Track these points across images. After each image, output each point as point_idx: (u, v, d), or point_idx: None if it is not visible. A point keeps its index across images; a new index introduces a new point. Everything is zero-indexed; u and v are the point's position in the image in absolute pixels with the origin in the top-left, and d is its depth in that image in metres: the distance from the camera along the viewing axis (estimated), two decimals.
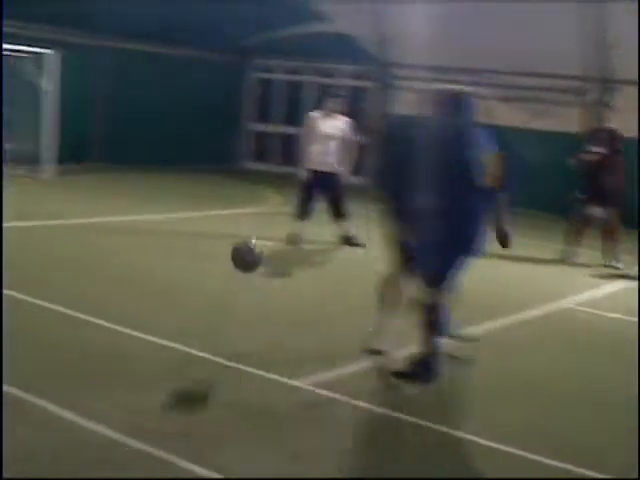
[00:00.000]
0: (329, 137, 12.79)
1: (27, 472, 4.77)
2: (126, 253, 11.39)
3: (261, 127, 24.48)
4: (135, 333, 7.62)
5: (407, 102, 21.15)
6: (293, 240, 12.83)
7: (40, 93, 18.56)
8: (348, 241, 13.11)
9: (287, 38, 22.30)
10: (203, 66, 23.06)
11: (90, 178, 19.36)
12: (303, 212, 12.94)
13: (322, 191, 12.94)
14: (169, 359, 7.09)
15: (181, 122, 22.73)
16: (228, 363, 7.01)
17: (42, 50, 18.25)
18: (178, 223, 14.11)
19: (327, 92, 14.21)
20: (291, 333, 8.17)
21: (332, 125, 12.84)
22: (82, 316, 8.02)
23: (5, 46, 17.53)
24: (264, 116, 24.48)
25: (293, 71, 23.89)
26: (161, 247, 12.06)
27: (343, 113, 13.18)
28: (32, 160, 18.53)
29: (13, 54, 18.30)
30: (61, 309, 8.20)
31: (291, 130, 21.34)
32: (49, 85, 18.38)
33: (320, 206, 13.15)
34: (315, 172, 12.82)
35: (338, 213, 13.12)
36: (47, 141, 18.49)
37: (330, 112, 12.93)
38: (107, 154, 21.60)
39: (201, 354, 7.20)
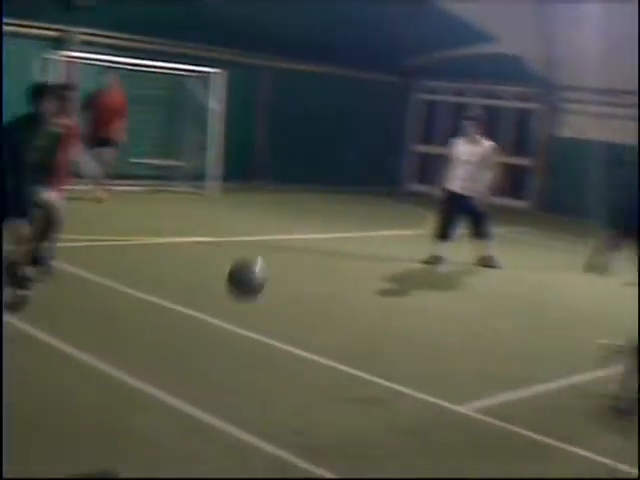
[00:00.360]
0: (468, 162, 12.70)
1: None
2: (290, 272, 11.42)
3: (424, 149, 24.30)
4: (298, 351, 7.58)
5: (575, 125, 20.63)
6: (433, 261, 12.73)
7: (206, 111, 18.95)
8: (485, 262, 12.98)
9: (452, 59, 22.07)
10: (364, 86, 23.09)
11: (253, 196, 19.63)
12: (443, 233, 12.83)
13: (462, 213, 12.85)
14: (330, 378, 7.01)
15: (342, 142, 22.82)
16: (389, 384, 6.87)
17: (208, 69, 18.65)
18: (339, 243, 14.07)
19: (464, 115, 14.02)
20: (451, 356, 7.98)
21: (471, 151, 12.76)
22: (247, 333, 8.04)
23: (173, 65, 18.02)
24: (427, 138, 24.30)
25: (458, 93, 23.61)
26: (322, 267, 12.04)
27: (482, 134, 13.00)
28: (198, 177, 18.94)
29: (181, 73, 18.79)
30: (224, 324, 8.25)
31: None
32: (215, 103, 18.74)
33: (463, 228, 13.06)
34: (454, 194, 12.77)
35: (478, 234, 13.00)
36: (212, 159, 18.84)
37: (472, 137, 12.84)
38: (269, 172, 21.88)
39: (362, 375, 7.09)
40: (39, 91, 9.04)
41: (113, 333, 7.77)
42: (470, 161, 12.71)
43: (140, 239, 12.45)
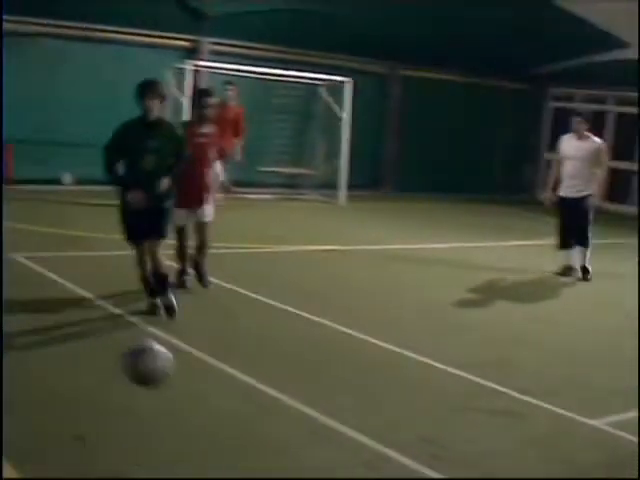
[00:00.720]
0: (575, 159, 11.98)
1: None
2: (418, 281, 11.34)
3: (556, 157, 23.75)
4: (428, 361, 7.48)
5: None
6: (564, 272, 12.18)
7: (336, 120, 19.01)
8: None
9: (584, 66, 21.57)
10: (495, 94, 22.82)
11: (381, 204, 19.59)
12: (564, 242, 12.19)
13: (570, 216, 12.05)
14: (460, 388, 6.90)
15: (472, 150, 22.61)
16: (519, 395, 6.71)
17: (339, 78, 18.70)
18: (467, 252, 13.90)
19: (572, 113, 13.29)
20: (583, 368, 7.75)
21: (578, 147, 12.02)
22: (378, 342, 7.99)
23: (304, 74, 18.15)
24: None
25: (592, 100, 23.03)
26: (450, 276, 11.90)
27: (592, 133, 12.23)
28: (326, 185, 19.03)
29: (311, 82, 18.91)
30: (355, 333, 8.22)
31: None
32: (344, 112, 18.77)
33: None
34: (563, 198, 12.10)
35: (578, 241, 12.14)
36: (342, 167, 18.86)
37: (579, 133, 12.07)
38: (397, 181, 21.84)
39: (492, 385, 6.95)
40: (142, 88, 8.04)
41: (242, 340, 7.82)
42: (578, 157, 11.97)
43: (268, 247, 12.55)
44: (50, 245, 11.35)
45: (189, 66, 16.93)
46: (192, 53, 18.48)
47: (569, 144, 12.15)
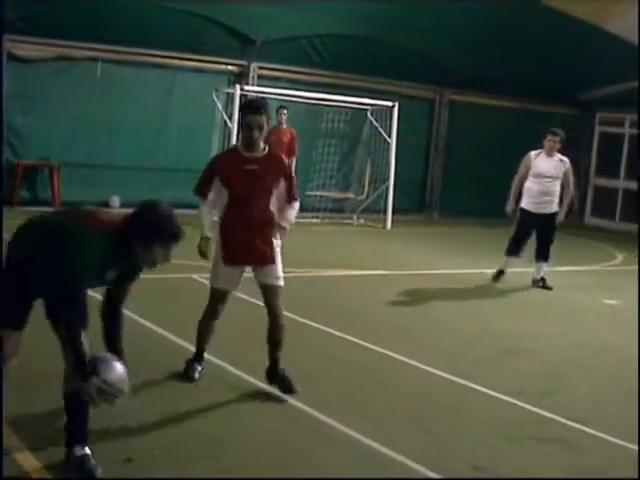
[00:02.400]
0: (544, 176, 12.47)
1: None
2: (467, 307, 11.27)
3: (603, 181, 23.62)
4: (480, 388, 7.41)
5: None
6: (498, 275, 12.82)
7: (382, 144, 19.01)
8: (538, 283, 12.77)
9: (635, 90, 21.36)
10: (541, 118, 22.65)
11: (427, 229, 19.53)
12: (513, 249, 12.78)
13: (529, 230, 12.67)
14: (511, 416, 6.81)
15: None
16: (573, 425, 6.61)
17: (384, 102, 18.69)
18: (514, 277, 13.77)
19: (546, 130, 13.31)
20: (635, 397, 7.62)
21: (548, 165, 12.50)
22: (428, 368, 7.93)
23: (352, 99, 18.19)
24: (606, 170, 23.60)
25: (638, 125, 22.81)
26: (499, 301, 11.81)
27: (563, 151, 12.72)
28: (372, 210, 19.01)
29: (357, 106, 18.93)
30: (405, 359, 8.17)
31: (635, 185, 20.54)
32: (391, 137, 18.74)
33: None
34: (528, 212, 12.58)
35: (541, 255, 12.75)
36: (388, 192, 18.80)
37: (551, 152, 12.55)
38: (443, 205, 21.78)
39: (544, 413, 6.86)
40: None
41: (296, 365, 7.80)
42: (547, 175, 12.46)
43: (315, 271, 12.52)
44: None
45: (237, 90, 17.02)
46: (240, 77, 18.59)
47: (539, 162, 12.58)
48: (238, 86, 17.23)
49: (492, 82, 20.70)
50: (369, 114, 19.42)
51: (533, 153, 12.78)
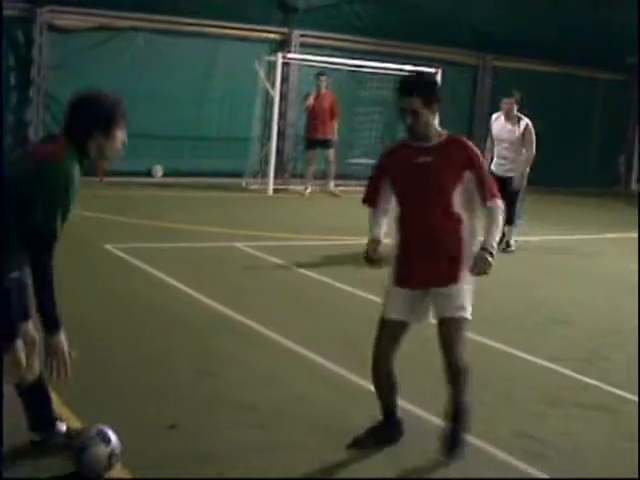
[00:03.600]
0: (499, 140, 12.28)
1: None
2: (523, 275, 11.17)
3: None
4: (521, 354, 7.36)
5: None
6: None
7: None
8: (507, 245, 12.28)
9: None
10: (588, 84, 22.38)
11: None
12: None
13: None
14: (555, 382, 6.77)
15: (566, 142, 22.19)
16: (615, 391, 6.55)
17: (428, 69, 18.48)
18: (567, 245, 13.65)
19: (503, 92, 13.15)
20: None
21: (506, 128, 12.28)
22: (477, 337, 7.87)
23: (395, 66, 18.03)
24: None
25: None
26: (554, 269, 11.70)
27: (521, 113, 12.44)
28: None
29: (401, 73, 18.75)
30: None
31: None
32: None
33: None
34: (494, 174, 11.49)
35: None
36: None
37: (508, 114, 12.30)
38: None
39: (587, 380, 6.80)
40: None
41: (341, 331, 7.81)
42: (505, 138, 12.22)
43: (356, 239, 12.41)
44: (140, 236, 11.49)
45: (279, 59, 16.97)
46: (282, 46, 18.53)
47: (496, 125, 12.39)
48: (280, 54, 17.18)
49: (535, 47, 20.43)
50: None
51: (494, 116, 12.63)
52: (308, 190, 17.29)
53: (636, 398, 6.39)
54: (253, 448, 5.05)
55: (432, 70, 18.06)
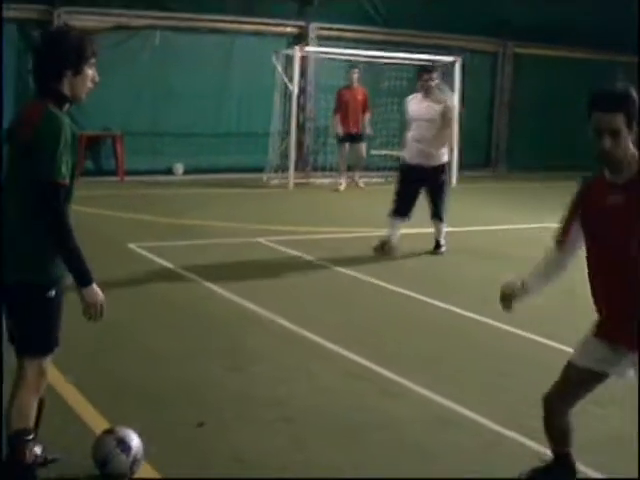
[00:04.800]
0: (416, 120, 10.74)
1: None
2: (532, 262, 11.05)
3: None
4: (548, 342, 7.27)
5: None
6: (379, 248, 10.62)
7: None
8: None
9: None
10: (605, 68, 22.16)
11: (493, 185, 19.27)
12: (400, 209, 10.72)
13: (413, 185, 10.76)
14: None
15: (582, 128, 21.93)
16: None
17: (447, 58, 18.39)
18: None
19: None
20: None
21: (420, 106, 10.76)
22: (504, 326, 7.83)
23: (414, 56, 17.90)
24: None
25: None
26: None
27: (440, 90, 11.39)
28: None
29: (420, 63, 18.63)
30: (479, 317, 8.07)
31: None
32: (454, 92, 18.40)
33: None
34: (408, 164, 10.87)
35: (433, 214, 10.93)
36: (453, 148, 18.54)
37: (427, 92, 10.76)
38: (508, 160, 21.49)
39: None
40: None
41: (361, 323, 7.77)
42: (423, 118, 10.64)
43: (378, 231, 12.34)
44: (163, 234, 11.48)
45: (297, 52, 16.91)
46: (299, 39, 18.47)
47: (412, 105, 10.90)
48: (297, 47, 17.12)
49: (554, 33, 20.27)
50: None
51: (410, 97, 11.16)
52: (342, 186, 16.95)
53: None
54: (281, 443, 5.02)
55: (452, 58, 18.06)
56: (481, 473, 4.77)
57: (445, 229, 11.08)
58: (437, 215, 10.89)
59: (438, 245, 11.04)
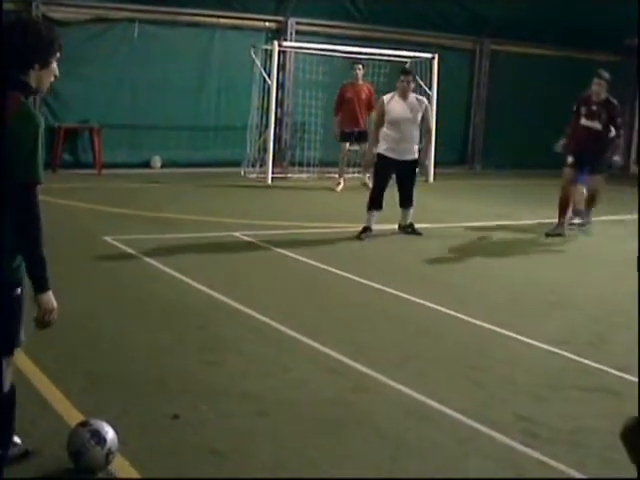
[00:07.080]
0: (400, 121, 11.50)
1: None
2: (514, 259, 11.17)
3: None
4: (523, 338, 7.35)
5: None
6: (364, 231, 11.60)
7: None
8: (407, 229, 12.04)
9: None
10: (585, 66, 22.26)
11: (469, 182, 19.38)
12: (378, 202, 11.68)
13: (387, 178, 11.79)
14: (557, 366, 6.76)
15: (561, 126, 22.11)
16: (616, 373, 6.55)
17: (423, 55, 18.43)
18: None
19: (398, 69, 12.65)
20: None
21: (402, 107, 11.54)
22: (473, 320, 7.90)
23: (391, 52, 17.95)
24: None
25: None
26: (550, 253, 11.72)
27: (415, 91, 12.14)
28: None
29: (397, 59, 18.71)
30: (450, 312, 8.14)
31: None
32: (431, 89, 18.48)
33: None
34: (385, 158, 11.59)
35: (404, 203, 11.98)
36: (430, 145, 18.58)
37: (405, 93, 11.58)
38: (485, 157, 21.60)
39: (589, 362, 6.80)
40: None
41: (339, 318, 7.81)
42: (404, 119, 11.50)
43: (351, 226, 12.40)
44: (139, 227, 11.48)
45: (275, 47, 16.92)
46: (278, 34, 18.49)
47: (393, 105, 11.57)
48: (276, 42, 17.13)
49: (533, 30, 20.39)
50: (409, 67, 19.20)
51: (386, 97, 11.78)
52: (341, 186, 16.53)
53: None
54: (257, 437, 5.06)
55: (429, 55, 18.14)
56: (456, 468, 4.84)
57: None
58: (410, 200, 11.97)
59: (413, 228, 12.05)
